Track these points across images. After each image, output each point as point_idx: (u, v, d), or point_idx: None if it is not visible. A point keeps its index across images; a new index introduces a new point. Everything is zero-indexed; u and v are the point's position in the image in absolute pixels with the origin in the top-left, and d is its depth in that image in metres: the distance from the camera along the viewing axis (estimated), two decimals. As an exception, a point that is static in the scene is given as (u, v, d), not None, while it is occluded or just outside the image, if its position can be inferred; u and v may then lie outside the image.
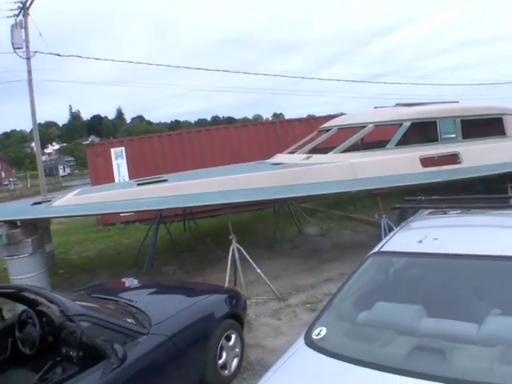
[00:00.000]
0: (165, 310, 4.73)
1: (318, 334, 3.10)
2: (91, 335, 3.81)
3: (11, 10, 22.44)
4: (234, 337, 5.22)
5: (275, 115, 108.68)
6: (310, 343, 3.04)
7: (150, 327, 4.32)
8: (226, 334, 5.07)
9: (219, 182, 8.79)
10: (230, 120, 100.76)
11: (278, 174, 9.12)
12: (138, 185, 9.12)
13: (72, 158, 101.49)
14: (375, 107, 12.23)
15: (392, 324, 3.11)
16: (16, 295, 4.92)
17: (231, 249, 7.98)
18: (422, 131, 10.87)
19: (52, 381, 4.02)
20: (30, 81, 22.76)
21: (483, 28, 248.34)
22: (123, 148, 15.71)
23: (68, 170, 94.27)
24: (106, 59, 22.48)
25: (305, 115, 19.90)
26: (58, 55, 22.47)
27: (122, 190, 8.87)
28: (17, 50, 22.36)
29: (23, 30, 22.44)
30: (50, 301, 4.09)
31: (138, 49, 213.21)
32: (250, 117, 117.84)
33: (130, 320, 4.32)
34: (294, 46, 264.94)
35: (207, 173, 10.05)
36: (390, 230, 8.52)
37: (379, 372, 2.63)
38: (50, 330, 4.47)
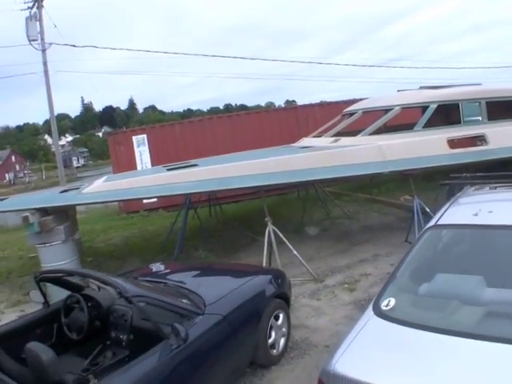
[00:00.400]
0: (216, 291, 4.73)
1: (387, 304, 3.17)
2: (147, 316, 3.81)
3: (25, 2, 22.54)
4: (281, 316, 5.23)
5: (287, 102, 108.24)
6: (380, 314, 3.11)
7: (205, 307, 4.31)
8: (274, 314, 5.08)
9: (251, 166, 8.77)
10: (242, 108, 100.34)
11: (308, 157, 9.09)
12: (168, 170, 9.12)
13: (85, 149, 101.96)
14: (398, 90, 12.19)
15: (455, 294, 3.19)
16: (59, 280, 4.90)
17: (267, 231, 7.97)
18: (448, 113, 10.77)
19: (103, 365, 4.04)
20: (46, 72, 22.88)
21: (494, 12, 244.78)
22: (145, 135, 15.71)
23: (82, 161, 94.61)
24: (121, 49, 22.40)
25: (317, 101, 19.79)
26: (74, 46, 22.57)
27: (153, 176, 8.86)
28: (32, 43, 22.48)
29: (38, 23, 22.49)
30: (106, 283, 4.04)
31: (148, 39, 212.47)
32: (263, 104, 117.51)
33: (184, 301, 4.32)
34: (304, 33, 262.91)
35: (237, 157, 10.03)
36: (423, 210, 8.52)
37: (455, 337, 2.75)
38: (98, 314, 4.48)
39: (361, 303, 6.57)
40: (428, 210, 8.60)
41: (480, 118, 10.60)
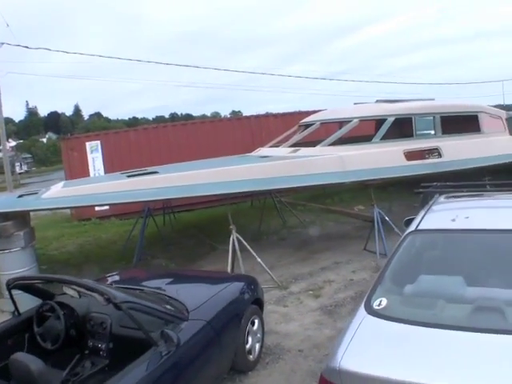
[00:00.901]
0: (196, 297, 4.70)
1: (379, 304, 3.33)
2: (138, 323, 3.71)
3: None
4: (257, 322, 5.28)
5: (233, 112, 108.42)
6: (374, 313, 3.26)
7: (188, 313, 4.28)
8: (251, 319, 5.12)
9: (213, 174, 8.81)
10: (188, 117, 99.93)
11: (270, 166, 9.21)
12: (128, 177, 9.03)
13: (29, 155, 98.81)
14: (355, 103, 12.58)
15: (439, 294, 3.41)
16: (31, 287, 4.69)
17: (231, 238, 8.03)
18: (404, 126, 11.15)
19: (83, 375, 3.96)
20: (-5, 73, 22.18)
21: (441, 30, 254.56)
22: (99, 142, 15.44)
23: (25, 168, 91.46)
24: (75, 53, 21.82)
25: (263, 113, 20.04)
26: (27, 47, 21.87)
27: (115, 182, 8.76)
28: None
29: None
30: (92, 289, 3.88)
31: (96, 44, 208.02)
32: (208, 114, 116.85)
33: (168, 307, 4.28)
34: (254, 43, 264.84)
35: (197, 165, 10.03)
36: (382, 218, 8.78)
37: (447, 330, 2.98)
38: (74, 322, 4.34)
39: (328, 309, 6.71)
40: (387, 218, 8.87)
41: (434, 132, 11.07)
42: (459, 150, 10.64)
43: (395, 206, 11.83)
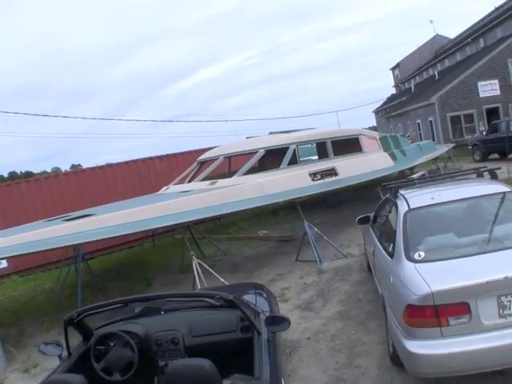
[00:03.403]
0: (247, 298, 5.14)
1: (419, 255, 4.64)
2: (246, 316, 4.03)
3: None
4: (276, 316, 5.99)
5: (73, 166, 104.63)
6: (420, 261, 4.57)
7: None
8: (277, 314, 5.81)
9: (152, 209, 9.29)
10: (28, 174, 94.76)
11: (204, 196, 9.91)
12: (66, 220, 9.06)
13: None
14: (247, 137, 13.92)
15: (446, 244, 4.94)
16: (80, 322, 4.18)
17: (194, 264, 8.64)
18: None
19: None
20: None
21: (270, 68, 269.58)
22: (-12, 196, 14.75)
23: None
24: None
25: (103, 163, 20.44)
26: None
27: (57, 227, 8.74)
28: None
29: None
30: (199, 296, 4.25)
31: None
32: (49, 170, 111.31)
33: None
34: (86, 94, 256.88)
35: (129, 204, 10.36)
36: (311, 229, 9.94)
37: (473, 256, 4.50)
38: (141, 346, 4.22)
39: (303, 307, 7.63)
40: (316, 229, 10.09)
41: (329, 154, 12.71)
42: (349, 168, 12.43)
43: (296, 225, 12.99)
